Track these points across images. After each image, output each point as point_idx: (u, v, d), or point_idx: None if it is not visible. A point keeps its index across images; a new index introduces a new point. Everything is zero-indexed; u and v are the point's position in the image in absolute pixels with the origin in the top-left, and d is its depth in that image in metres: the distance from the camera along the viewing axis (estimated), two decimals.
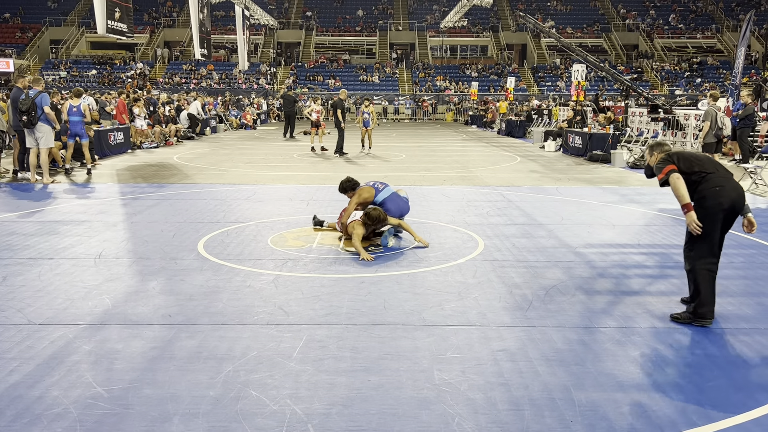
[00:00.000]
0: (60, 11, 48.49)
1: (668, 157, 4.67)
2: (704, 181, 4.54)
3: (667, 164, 4.58)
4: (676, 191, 4.51)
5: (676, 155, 4.71)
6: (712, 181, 4.53)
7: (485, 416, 3.28)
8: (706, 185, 4.52)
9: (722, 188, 4.50)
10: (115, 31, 20.90)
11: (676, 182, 4.49)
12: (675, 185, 4.50)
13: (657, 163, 4.72)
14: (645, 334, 4.40)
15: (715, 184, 4.51)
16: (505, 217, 8.58)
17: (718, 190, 4.49)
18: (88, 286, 5.38)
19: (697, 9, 51.36)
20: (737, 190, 4.56)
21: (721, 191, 4.49)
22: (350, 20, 51.62)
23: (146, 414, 3.27)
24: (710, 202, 4.48)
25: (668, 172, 4.54)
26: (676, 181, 4.49)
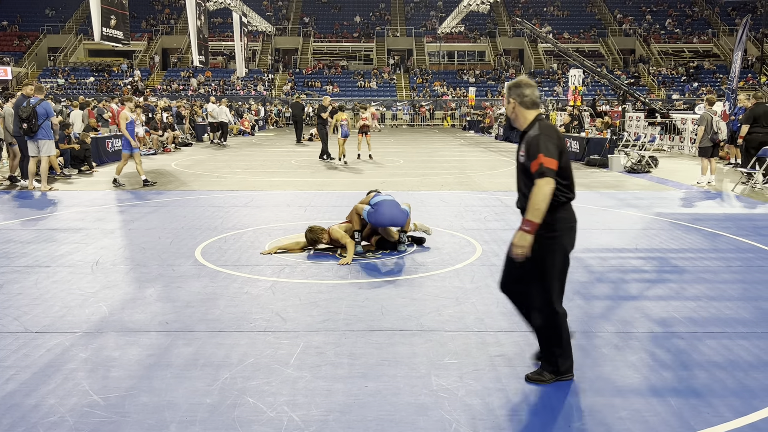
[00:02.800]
0: (58, 19, 48.55)
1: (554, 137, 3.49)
2: (563, 208, 3.54)
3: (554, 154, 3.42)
4: (542, 202, 3.38)
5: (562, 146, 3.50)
6: (570, 213, 3.57)
7: (483, 422, 3.27)
8: (566, 215, 3.56)
9: (576, 224, 3.62)
10: (111, 38, 20.93)
11: (550, 196, 3.39)
12: (546, 197, 3.38)
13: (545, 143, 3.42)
14: (643, 339, 4.39)
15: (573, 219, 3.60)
16: (503, 222, 8.58)
17: (572, 227, 3.60)
18: (85, 293, 5.36)
19: (693, 13, 51.56)
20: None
21: (575, 228, 3.61)
22: (348, 26, 51.75)
23: (143, 422, 3.25)
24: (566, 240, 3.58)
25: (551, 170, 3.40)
26: (550, 194, 3.39)
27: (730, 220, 8.92)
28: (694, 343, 4.34)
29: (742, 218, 9.14)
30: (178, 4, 49.52)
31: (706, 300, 5.27)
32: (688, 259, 6.64)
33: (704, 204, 10.46)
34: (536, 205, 3.38)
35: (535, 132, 3.48)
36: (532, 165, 3.42)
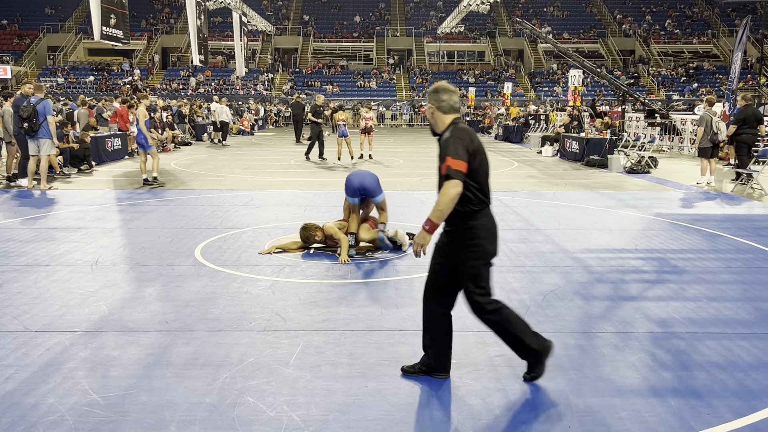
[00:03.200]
0: (57, 18, 48.54)
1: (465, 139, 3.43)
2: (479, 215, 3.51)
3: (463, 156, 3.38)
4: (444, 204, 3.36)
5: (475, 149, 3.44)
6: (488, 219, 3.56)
7: (482, 422, 3.27)
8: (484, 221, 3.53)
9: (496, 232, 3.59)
10: (111, 37, 20.92)
11: (455, 198, 3.36)
12: (450, 199, 3.35)
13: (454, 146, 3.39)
14: (643, 339, 4.39)
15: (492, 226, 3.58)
16: (503, 222, 8.58)
17: (492, 234, 3.56)
18: (85, 292, 5.36)
19: (692, 14, 51.58)
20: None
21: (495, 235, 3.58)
22: (347, 26, 51.75)
23: (143, 421, 3.25)
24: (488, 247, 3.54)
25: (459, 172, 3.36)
26: (455, 196, 3.35)
27: (729, 220, 8.92)
28: (693, 343, 4.34)
29: (741, 219, 9.15)
30: (177, 3, 49.52)
31: (706, 300, 5.27)
32: (688, 259, 6.65)
33: (704, 205, 10.47)
34: (439, 206, 3.36)
35: (447, 135, 3.46)
36: (441, 167, 3.41)
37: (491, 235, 3.54)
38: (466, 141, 3.41)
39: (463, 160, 3.35)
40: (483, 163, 3.48)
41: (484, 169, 3.49)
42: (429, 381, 3.73)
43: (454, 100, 3.57)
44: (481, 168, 3.46)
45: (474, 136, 3.51)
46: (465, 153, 3.38)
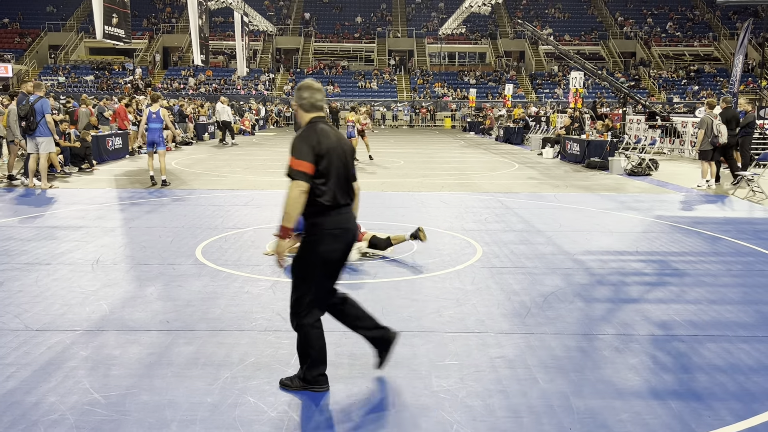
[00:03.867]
0: (59, 17, 48.54)
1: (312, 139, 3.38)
2: (326, 214, 3.44)
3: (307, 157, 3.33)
4: (289, 206, 3.33)
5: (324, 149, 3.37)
6: (335, 218, 3.45)
7: (484, 423, 3.27)
8: (328, 220, 3.44)
9: (344, 232, 3.49)
10: (113, 36, 20.92)
11: (298, 198, 3.32)
12: (293, 200, 3.32)
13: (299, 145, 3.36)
14: (643, 342, 4.40)
15: (337, 225, 3.46)
16: (504, 223, 8.58)
17: (337, 234, 3.46)
18: (86, 291, 5.36)
19: (694, 17, 51.59)
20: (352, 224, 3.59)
21: (342, 236, 3.48)
22: (349, 27, 51.76)
23: (144, 420, 3.25)
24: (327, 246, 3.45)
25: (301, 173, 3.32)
26: (297, 197, 3.32)
27: (730, 223, 8.92)
28: (694, 346, 4.34)
29: (742, 222, 9.15)
30: (179, 2, 49.51)
31: (707, 303, 5.27)
32: (689, 262, 6.65)
33: (704, 207, 10.47)
34: (285, 209, 3.34)
35: (298, 133, 3.45)
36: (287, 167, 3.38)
37: (332, 236, 3.44)
38: (314, 142, 3.36)
39: (307, 161, 3.31)
40: (332, 165, 3.40)
41: (334, 172, 3.41)
42: (428, 383, 3.72)
43: (316, 98, 3.51)
44: (329, 170, 3.39)
45: (326, 137, 3.42)
46: (310, 153, 3.32)
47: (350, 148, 3.60)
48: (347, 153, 3.52)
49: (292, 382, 3.61)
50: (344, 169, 3.47)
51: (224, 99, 25.67)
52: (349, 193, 3.53)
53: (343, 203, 3.47)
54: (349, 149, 3.57)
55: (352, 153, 3.62)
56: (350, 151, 3.59)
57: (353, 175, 3.60)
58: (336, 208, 3.43)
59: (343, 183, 3.47)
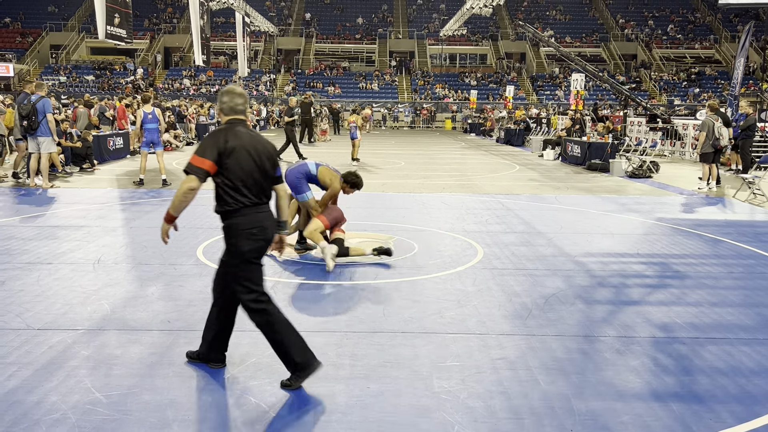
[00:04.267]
0: (60, 16, 48.57)
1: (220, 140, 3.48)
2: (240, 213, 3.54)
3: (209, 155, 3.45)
4: (176, 196, 3.50)
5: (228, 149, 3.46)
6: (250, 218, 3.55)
7: (485, 424, 3.27)
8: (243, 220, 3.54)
9: (261, 230, 3.58)
10: (115, 36, 20.95)
11: (188, 194, 3.47)
12: (182, 194, 3.47)
13: (204, 144, 3.52)
14: (645, 344, 4.40)
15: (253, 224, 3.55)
16: (505, 225, 8.58)
17: (255, 233, 3.55)
18: (87, 291, 5.36)
19: (695, 20, 51.61)
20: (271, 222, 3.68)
21: (259, 234, 3.57)
22: (350, 28, 51.78)
23: (145, 420, 3.25)
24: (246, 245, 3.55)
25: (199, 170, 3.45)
26: (187, 192, 3.46)
27: (731, 226, 8.92)
28: (695, 348, 4.34)
29: (743, 224, 9.15)
30: (180, 3, 49.57)
31: (708, 306, 5.27)
32: (690, 264, 6.65)
33: (705, 210, 10.47)
34: (174, 198, 3.52)
35: (208, 133, 3.60)
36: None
37: (248, 235, 3.53)
38: (220, 141, 3.46)
39: (208, 159, 3.42)
40: (240, 163, 3.49)
41: (242, 170, 3.49)
42: (430, 384, 3.73)
43: (235, 102, 3.62)
44: (235, 168, 3.48)
45: (236, 137, 3.51)
46: (213, 152, 3.44)
47: (270, 150, 3.66)
48: (263, 154, 3.59)
49: (291, 381, 3.63)
50: (259, 170, 3.56)
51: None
52: (266, 193, 3.62)
53: (258, 202, 3.56)
54: (267, 151, 3.62)
55: (271, 154, 3.67)
56: (269, 152, 3.65)
57: (276, 177, 3.71)
58: (249, 207, 3.53)
59: (258, 183, 3.55)
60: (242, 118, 3.65)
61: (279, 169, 3.75)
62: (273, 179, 3.70)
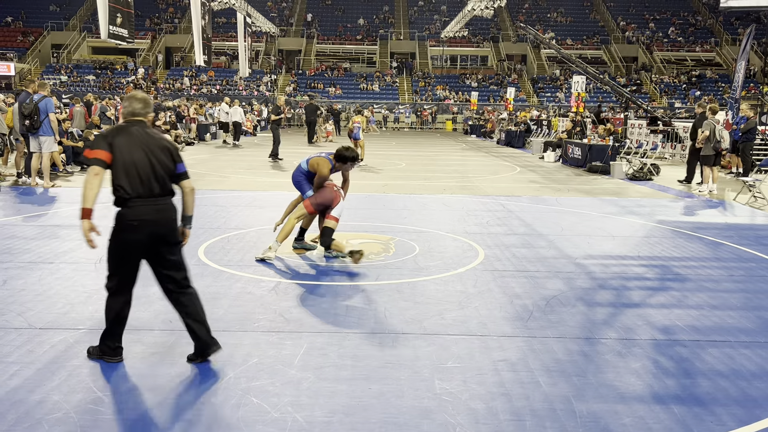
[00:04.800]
0: (62, 16, 48.60)
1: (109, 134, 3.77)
2: (125, 205, 3.73)
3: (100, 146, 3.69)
4: (83, 188, 3.68)
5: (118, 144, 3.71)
6: (133, 210, 3.72)
7: (486, 426, 3.28)
8: (126, 211, 3.73)
9: (142, 223, 3.72)
10: (117, 36, 20.97)
11: (91, 180, 3.65)
12: (86, 183, 3.66)
13: (97, 139, 3.81)
14: (646, 346, 4.40)
15: (134, 217, 3.72)
16: (505, 227, 8.59)
17: (136, 225, 3.71)
18: (89, 290, 5.37)
19: (696, 22, 51.64)
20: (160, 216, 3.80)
21: (140, 227, 3.72)
22: (351, 29, 51.81)
23: (147, 420, 3.25)
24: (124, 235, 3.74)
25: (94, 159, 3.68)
26: (90, 179, 3.65)
27: (731, 229, 8.93)
28: (696, 351, 4.35)
29: (743, 227, 9.16)
30: (182, 3, 49.58)
31: (709, 309, 5.28)
32: (690, 267, 6.66)
33: (706, 212, 10.48)
34: (82, 192, 3.70)
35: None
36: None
37: (131, 227, 3.72)
38: (109, 135, 3.75)
39: (100, 149, 3.68)
40: (125, 158, 3.70)
41: (127, 164, 3.70)
42: (431, 385, 3.73)
43: (133, 107, 3.86)
44: (120, 162, 3.70)
45: (125, 133, 3.76)
46: (103, 143, 3.70)
47: (167, 147, 3.83)
48: (157, 151, 3.77)
49: (93, 350, 3.97)
50: (150, 165, 3.74)
51: (228, 99, 25.72)
52: (152, 188, 3.75)
53: (147, 196, 3.73)
54: (163, 147, 3.81)
55: (169, 151, 3.84)
56: (166, 149, 3.82)
57: (179, 173, 3.88)
58: (135, 199, 3.71)
59: (147, 177, 3.73)
60: (140, 120, 3.87)
61: (182, 165, 3.90)
62: (174, 175, 3.87)
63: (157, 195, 3.77)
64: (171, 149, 3.86)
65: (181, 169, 3.90)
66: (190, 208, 3.98)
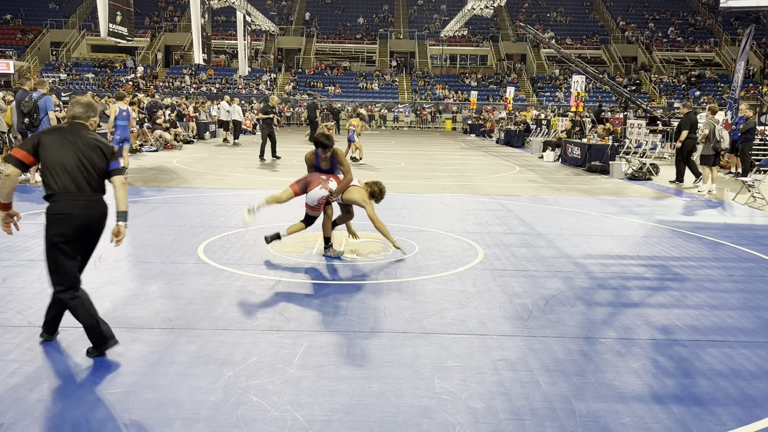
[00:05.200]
0: (61, 13, 48.54)
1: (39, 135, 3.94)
2: (52, 200, 3.87)
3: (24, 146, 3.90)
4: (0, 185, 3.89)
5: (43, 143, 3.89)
6: (59, 204, 3.85)
7: (486, 425, 3.28)
8: (53, 206, 3.86)
9: (68, 217, 3.83)
10: (116, 34, 20.95)
11: (4, 179, 3.86)
12: (3, 179, 3.88)
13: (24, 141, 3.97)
14: (645, 346, 4.41)
15: (59, 211, 3.84)
16: (505, 226, 8.59)
17: (62, 219, 3.83)
18: (88, 288, 5.29)
19: (695, 22, 51.65)
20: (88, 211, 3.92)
21: (66, 220, 3.83)
22: (351, 27, 51.79)
23: (147, 418, 3.26)
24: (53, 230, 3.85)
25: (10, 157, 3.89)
26: (4, 177, 3.86)
27: (731, 229, 8.94)
28: (696, 351, 4.35)
29: (743, 227, 9.16)
30: (182, 1, 49.52)
31: (708, 308, 5.28)
32: (690, 267, 6.66)
33: (705, 212, 10.48)
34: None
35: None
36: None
37: (57, 220, 3.84)
38: (38, 136, 3.92)
39: (22, 149, 3.87)
40: (53, 155, 3.86)
41: (54, 160, 3.85)
42: (431, 384, 3.73)
43: (74, 111, 4.06)
44: (48, 159, 3.86)
45: (55, 133, 3.94)
46: (28, 144, 3.89)
47: (98, 146, 3.97)
48: (88, 149, 3.92)
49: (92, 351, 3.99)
50: (77, 163, 3.87)
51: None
52: (80, 185, 3.87)
53: (72, 192, 3.85)
54: (91, 147, 3.94)
55: (100, 149, 3.97)
56: (93, 148, 3.94)
57: (110, 170, 4.03)
58: (62, 194, 3.84)
59: (73, 175, 3.85)
60: (80, 122, 4.03)
61: (115, 163, 4.03)
62: (107, 173, 4.02)
63: (85, 191, 3.90)
64: (103, 148, 3.98)
65: (114, 166, 4.04)
66: (123, 203, 4.11)
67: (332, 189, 6.61)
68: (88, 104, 4.09)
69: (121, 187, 4.09)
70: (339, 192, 6.64)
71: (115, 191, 4.08)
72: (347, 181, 6.65)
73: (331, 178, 6.68)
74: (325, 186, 6.58)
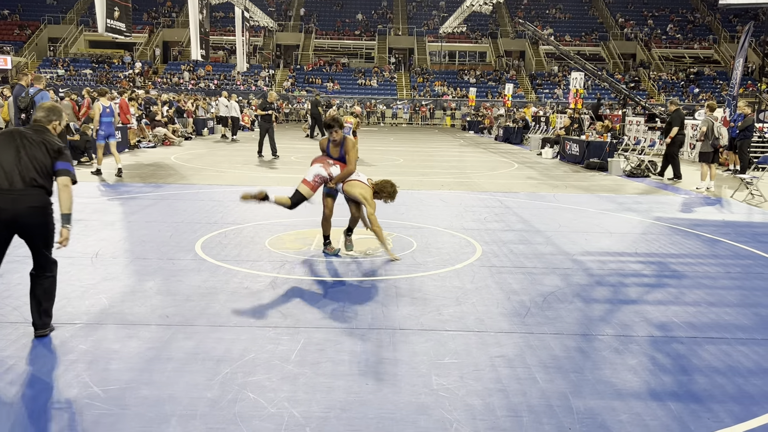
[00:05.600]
0: (59, 9, 48.38)
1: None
2: None
3: None
4: None
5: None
6: None
7: (483, 422, 3.27)
8: None
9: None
10: (114, 30, 20.90)
11: None
12: None
13: None
14: (643, 343, 4.40)
15: None
16: (503, 223, 8.59)
17: None
18: (85, 285, 5.35)
19: (694, 19, 51.62)
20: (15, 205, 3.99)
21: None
22: (349, 24, 51.69)
23: (143, 415, 3.25)
24: None
25: None
26: None
27: (729, 226, 8.94)
28: (693, 348, 4.35)
29: (741, 225, 9.17)
30: None
31: (706, 305, 5.28)
32: (688, 264, 6.66)
33: (703, 210, 10.48)
34: None
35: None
36: None
37: None
38: None
39: None
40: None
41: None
42: (428, 381, 3.73)
43: (38, 115, 4.19)
44: None
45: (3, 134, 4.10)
46: None
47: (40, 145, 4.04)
48: (29, 149, 3.99)
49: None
50: (15, 161, 3.95)
51: (226, 93, 25.67)
52: (13, 182, 3.94)
53: (3, 188, 3.92)
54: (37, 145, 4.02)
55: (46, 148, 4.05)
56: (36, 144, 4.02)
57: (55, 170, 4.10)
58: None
59: (9, 172, 3.93)
60: (41, 125, 4.15)
61: (61, 164, 4.09)
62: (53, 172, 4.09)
63: (17, 186, 3.95)
64: (48, 146, 4.04)
65: (59, 166, 4.09)
66: (66, 205, 4.12)
67: (333, 174, 6.49)
68: (50, 108, 4.20)
69: (64, 189, 4.12)
70: (338, 180, 6.44)
71: (59, 193, 4.11)
72: (348, 171, 6.47)
73: (337, 164, 6.59)
74: (326, 167, 6.47)
